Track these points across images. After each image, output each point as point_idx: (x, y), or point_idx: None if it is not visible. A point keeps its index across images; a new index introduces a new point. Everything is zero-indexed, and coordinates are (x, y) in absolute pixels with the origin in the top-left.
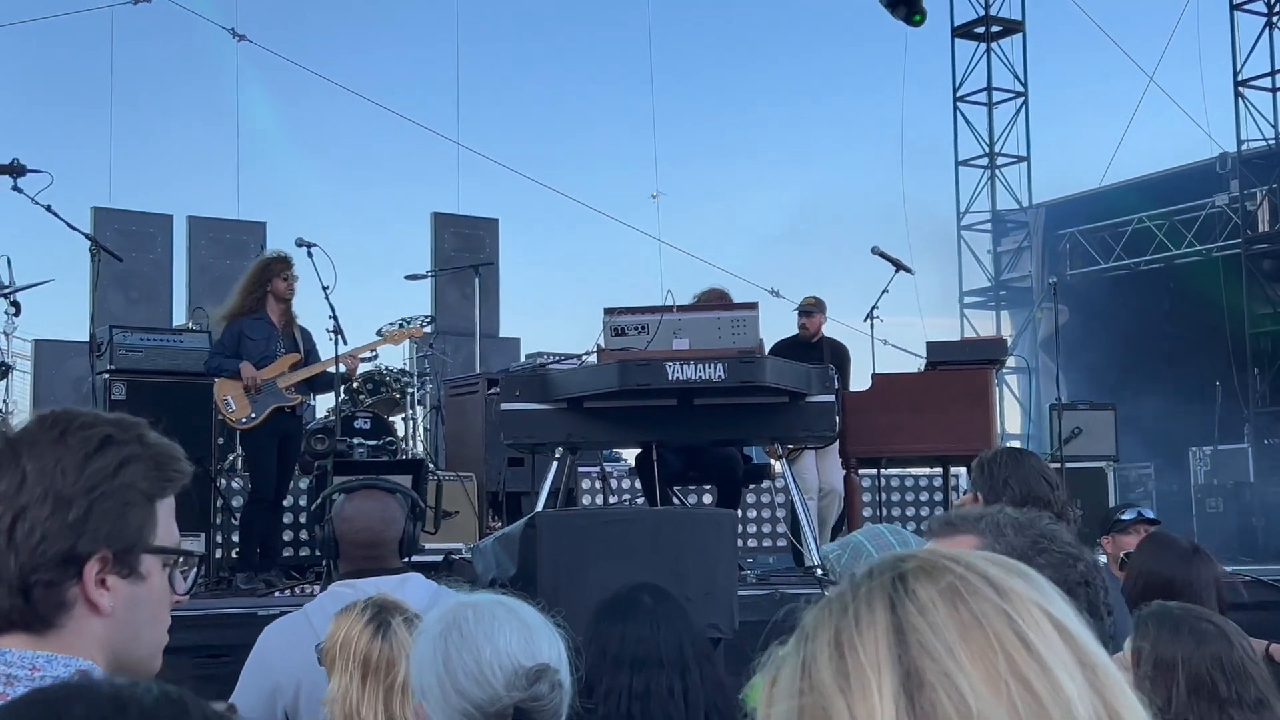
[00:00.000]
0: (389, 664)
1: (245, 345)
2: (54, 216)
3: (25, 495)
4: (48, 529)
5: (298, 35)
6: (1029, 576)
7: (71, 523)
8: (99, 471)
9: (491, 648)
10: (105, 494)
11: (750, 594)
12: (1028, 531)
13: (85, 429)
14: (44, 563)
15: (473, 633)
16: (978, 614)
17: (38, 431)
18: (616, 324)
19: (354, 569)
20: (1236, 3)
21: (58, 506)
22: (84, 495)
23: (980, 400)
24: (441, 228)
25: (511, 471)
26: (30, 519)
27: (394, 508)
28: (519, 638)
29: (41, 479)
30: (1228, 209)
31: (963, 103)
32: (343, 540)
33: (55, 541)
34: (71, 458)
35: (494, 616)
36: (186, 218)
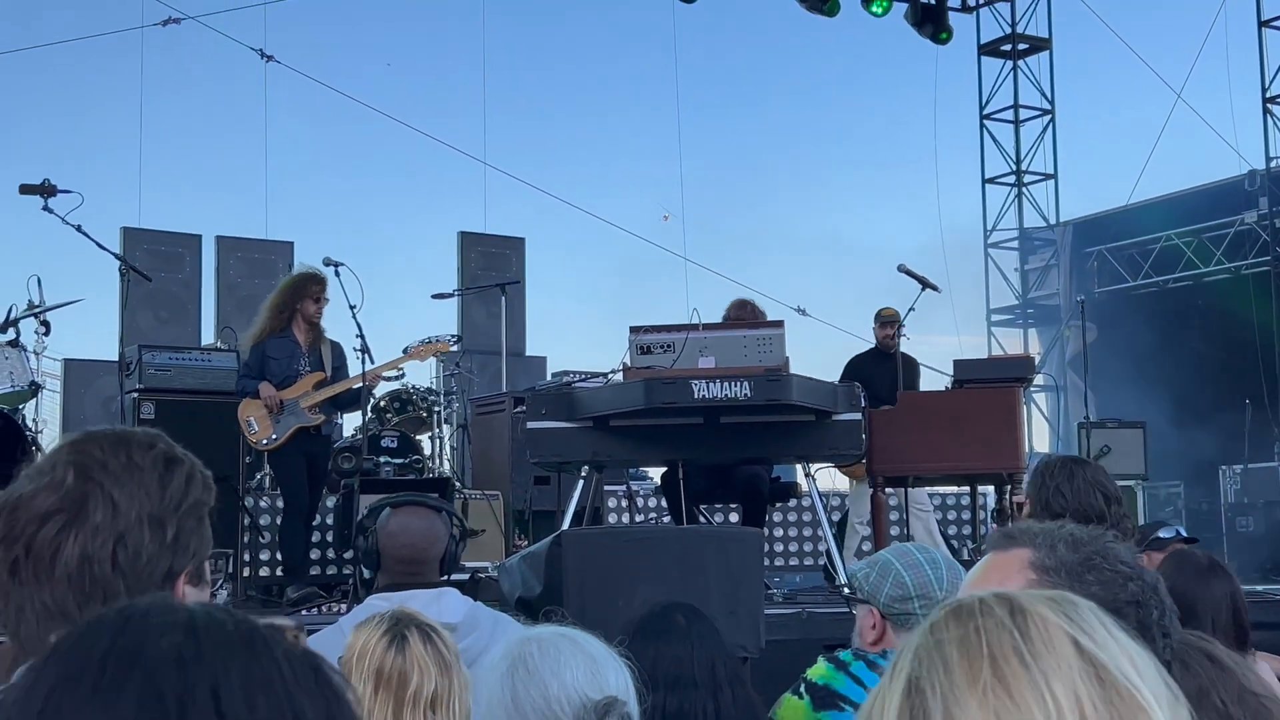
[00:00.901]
0: (401, 676)
1: (268, 365)
2: (84, 236)
3: (122, 521)
4: (150, 551)
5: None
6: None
7: (169, 543)
8: (177, 491)
9: (559, 683)
10: (187, 512)
11: (777, 613)
12: (1082, 548)
13: (145, 449)
14: (151, 585)
15: (539, 668)
16: (981, 628)
17: (103, 456)
18: (642, 342)
19: (393, 582)
20: (1265, 19)
21: (154, 529)
22: (173, 515)
23: (1008, 419)
24: (468, 247)
25: (538, 490)
26: (132, 543)
27: (439, 526)
28: (585, 671)
29: (133, 504)
30: (1256, 226)
31: (989, 120)
32: (385, 554)
33: (158, 562)
34: (151, 480)
35: (559, 651)
36: (215, 237)
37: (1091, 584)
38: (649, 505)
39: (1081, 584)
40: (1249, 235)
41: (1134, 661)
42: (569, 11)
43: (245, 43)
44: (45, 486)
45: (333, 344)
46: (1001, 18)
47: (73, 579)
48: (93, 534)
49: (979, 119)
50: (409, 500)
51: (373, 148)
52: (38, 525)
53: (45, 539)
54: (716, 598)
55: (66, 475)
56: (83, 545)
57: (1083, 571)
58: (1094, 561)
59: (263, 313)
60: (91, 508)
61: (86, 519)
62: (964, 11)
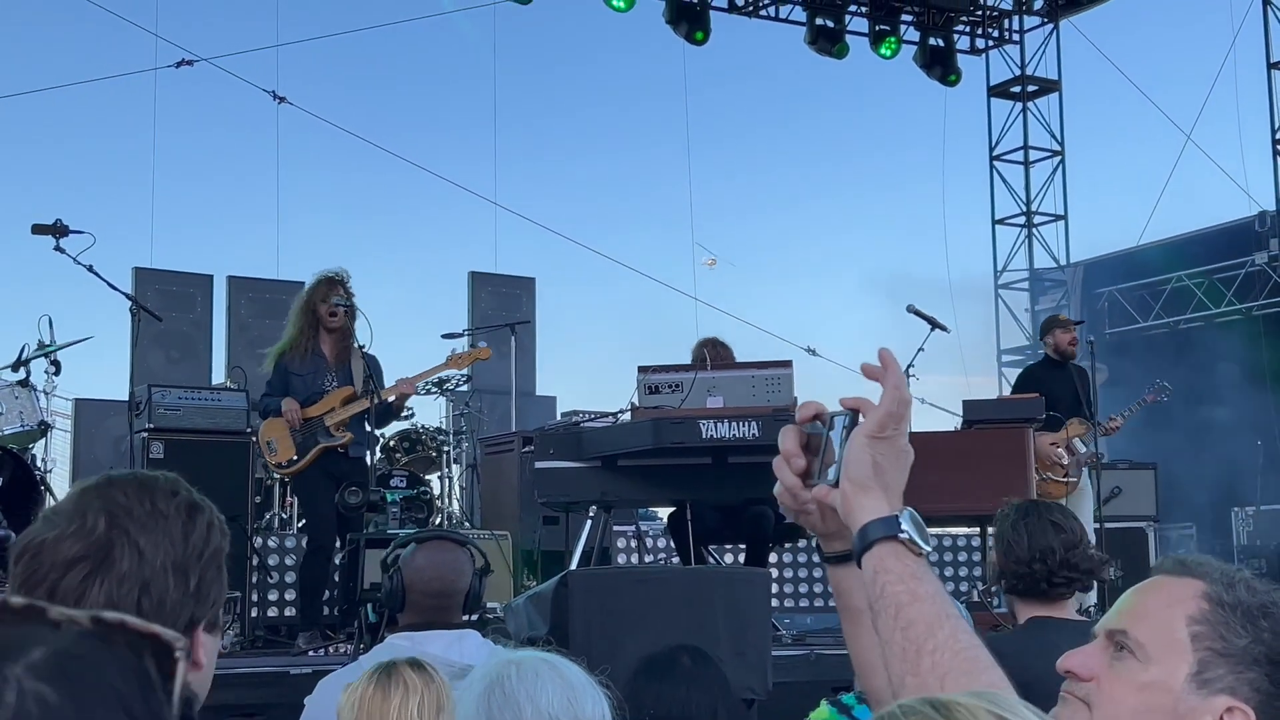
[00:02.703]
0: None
1: (292, 382)
2: (95, 276)
3: (147, 569)
4: (174, 599)
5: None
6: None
7: (191, 591)
8: (200, 540)
9: (533, 707)
10: (208, 561)
11: (785, 654)
12: (1260, 595)
13: (169, 497)
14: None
15: (515, 691)
16: None
17: (128, 503)
18: (651, 382)
19: (419, 620)
20: (1275, 61)
21: (178, 578)
22: (196, 564)
23: (1017, 459)
24: (479, 287)
25: (547, 530)
26: (156, 592)
27: (464, 560)
28: (561, 697)
29: (158, 552)
30: (1267, 267)
31: (999, 161)
32: (412, 590)
33: (181, 611)
34: (176, 529)
35: (537, 674)
36: (226, 278)
37: (1264, 630)
38: (658, 546)
39: (1255, 627)
40: (1260, 276)
41: None
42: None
43: (258, 84)
44: (71, 533)
45: (367, 357)
46: (1011, 60)
47: None
48: (118, 582)
49: (989, 160)
50: (434, 535)
51: (384, 188)
52: (62, 571)
53: (70, 586)
54: (724, 639)
55: (97, 522)
56: (108, 593)
57: (1259, 616)
58: (1270, 610)
59: (288, 326)
60: (118, 555)
61: (112, 566)
62: (973, 54)
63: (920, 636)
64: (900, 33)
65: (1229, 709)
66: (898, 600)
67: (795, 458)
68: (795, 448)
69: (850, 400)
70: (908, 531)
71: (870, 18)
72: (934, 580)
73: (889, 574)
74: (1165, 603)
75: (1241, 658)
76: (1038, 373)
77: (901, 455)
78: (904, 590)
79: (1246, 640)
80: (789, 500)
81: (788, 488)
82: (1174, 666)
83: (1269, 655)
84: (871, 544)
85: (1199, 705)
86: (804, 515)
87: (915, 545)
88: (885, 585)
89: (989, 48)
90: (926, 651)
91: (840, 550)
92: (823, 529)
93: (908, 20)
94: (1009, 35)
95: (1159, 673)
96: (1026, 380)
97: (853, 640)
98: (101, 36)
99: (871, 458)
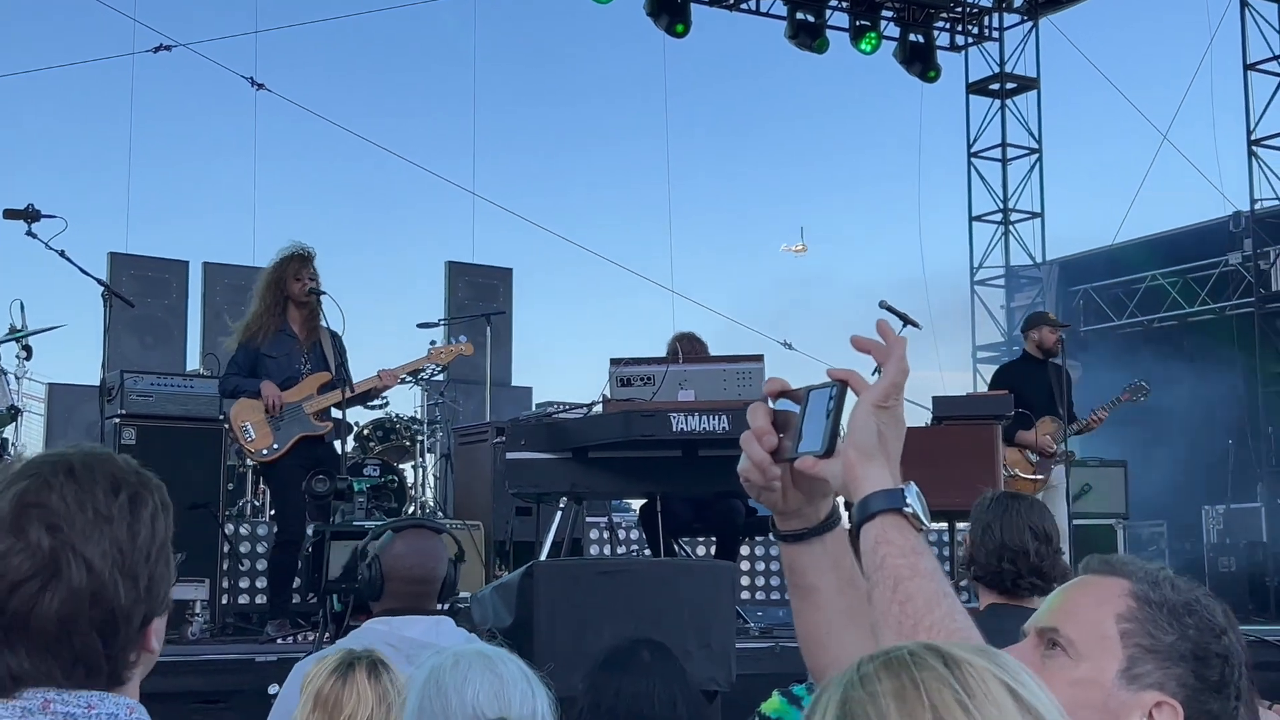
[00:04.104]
0: (338, 701)
1: (265, 364)
2: (68, 262)
3: (95, 580)
4: (126, 605)
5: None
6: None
7: (142, 594)
8: (147, 538)
9: (459, 699)
10: (157, 557)
11: (751, 646)
12: (1184, 593)
13: (110, 495)
14: (129, 640)
15: (445, 684)
16: (919, 680)
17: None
18: (623, 374)
19: (396, 606)
20: (1251, 63)
21: (128, 583)
22: (145, 565)
23: (986, 456)
24: (455, 277)
25: (519, 520)
26: (108, 601)
27: (442, 548)
28: (489, 691)
29: (105, 561)
30: (1241, 268)
31: (977, 158)
32: (391, 577)
33: (134, 614)
34: (121, 532)
35: (469, 667)
36: (202, 264)
37: (1190, 626)
38: (631, 538)
39: (1180, 624)
40: (1233, 276)
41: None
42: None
43: (236, 70)
44: (17, 551)
45: (333, 334)
46: (990, 57)
47: (50, 641)
48: (69, 595)
49: (967, 157)
50: (412, 523)
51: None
52: (10, 590)
53: (21, 601)
54: (689, 630)
55: (40, 538)
56: (60, 605)
57: (1184, 613)
58: (1194, 607)
59: (253, 302)
60: (64, 567)
61: (61, 577)
62: (952, 50)
63: (918, 611)
64: (880, 28)
65: (1157, 704)
66: (898, 573)
67: (766, 435)
68: (766, 424)
69: (839, 371)
70: (912, 505)
71: (850, 13)
72: (933, 557)
73: (890, 546)
74: (1094, 601)
75: (1168, 654)
76: (1015, 370)
77: (900, 426)
78: (905, 564)
79: (1173, 637)
80: (756, 476)
81: (756, 463)
82: (1104, 663)
83: (1194, 651)
84: (874, 515)
85: (1129, 700)
86: (766, 493)
87: (918, 520)
88: (886, 557)
89: (968, 45)
90: (924, 627)
91: (797, 528)
92: (782, 507)
93: (888, 16)
94: (988, 32)
95: (1089, 669)
96: (1003, 377)
97: (801, 616)
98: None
99: (877, 427)
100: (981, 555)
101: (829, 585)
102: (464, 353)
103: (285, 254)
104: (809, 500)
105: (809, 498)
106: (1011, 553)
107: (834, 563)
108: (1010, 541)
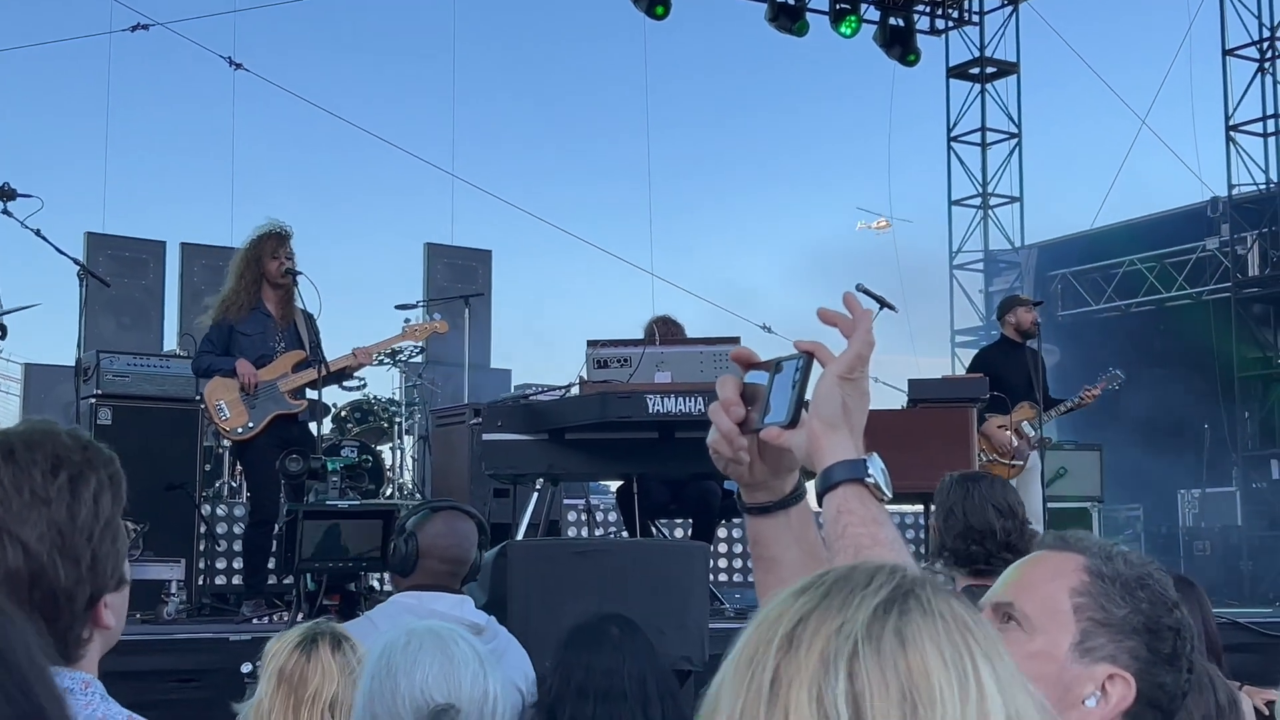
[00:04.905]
0: (302, 676)
1: (239, 342)
2: (43, 241)
3: (34, 561)
4: (67, 586)
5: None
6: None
7: (84, 573)
8: (87, 517)
9: (407, 682)
10: (101, 535)
11: (724, 626)
12: (1137, 568)
13: (49, 475)
14: (75, 619)
15: (396, 664)
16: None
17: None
18: (600, 356)
19: (427, 583)
20: (1229, 48)
21: (69, 563)
22: (87, 544)
23: (961, 438)
24: (434, 258)
25: (497, 502)
26: (47, 582)
27: (474, 532)
28: (438, 672)
29: (43, 544)
30: (1218, 253)
31: (957, 143)
32: (427, 555)
33: (78, 594)
34: (60, 512)
35: (421, 648)
36: (179, 244)
37: (1142, 600)
38: (608, 520)
39: (1133, 598)
40: (1210, 261)
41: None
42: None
43: (214, 50)
44: None
45: (308, 315)
46: (970, 41)
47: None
48: (7, 578)
49: (947, 141)
50: (448, 505)
51: (340, 157)
52: None
53: None
54: (663, 611)
55: None
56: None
57: (1136, 587)
58: (1147, 581)
59: (228, 280)
60: (2, 550)
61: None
62: (932, 35)
63: None
64: (861, 11)
65: (1110, 676)
66: (858, 541)
67: (735, 406)
68: (735, 396)
69: (806, 343)
70: (874, 476)
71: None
72: (894, 528)
73: (852, 515)
74: (1048, 575)
75: (1121, 627)
76: (993, 354)
77: (864, 398)
78: (865, 533)
79: (1125, 610)
80: (724, 448)
81: (724, 434)
82: (1058, 637)
83: (1146, 624)
84: (836, 484)
85: (1082, 673)
86: (734, 465)
87: (879, 491)
88: (847, 526)
89: (949, 29)
90: None
91: (763, 501)
92: (749, 479)
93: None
94: (969, 16)
95: (1044, 643)
96: (982, 361)
97: (764, 587)
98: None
99: (841, 398)
100: (949, 539)
101: (791, 558)
102: (439, 330)
103: (262, 232)
104: (775, 474)
105: (775, 471)
106: (978, 534)
107: (797, 536)
108: (976, 523)
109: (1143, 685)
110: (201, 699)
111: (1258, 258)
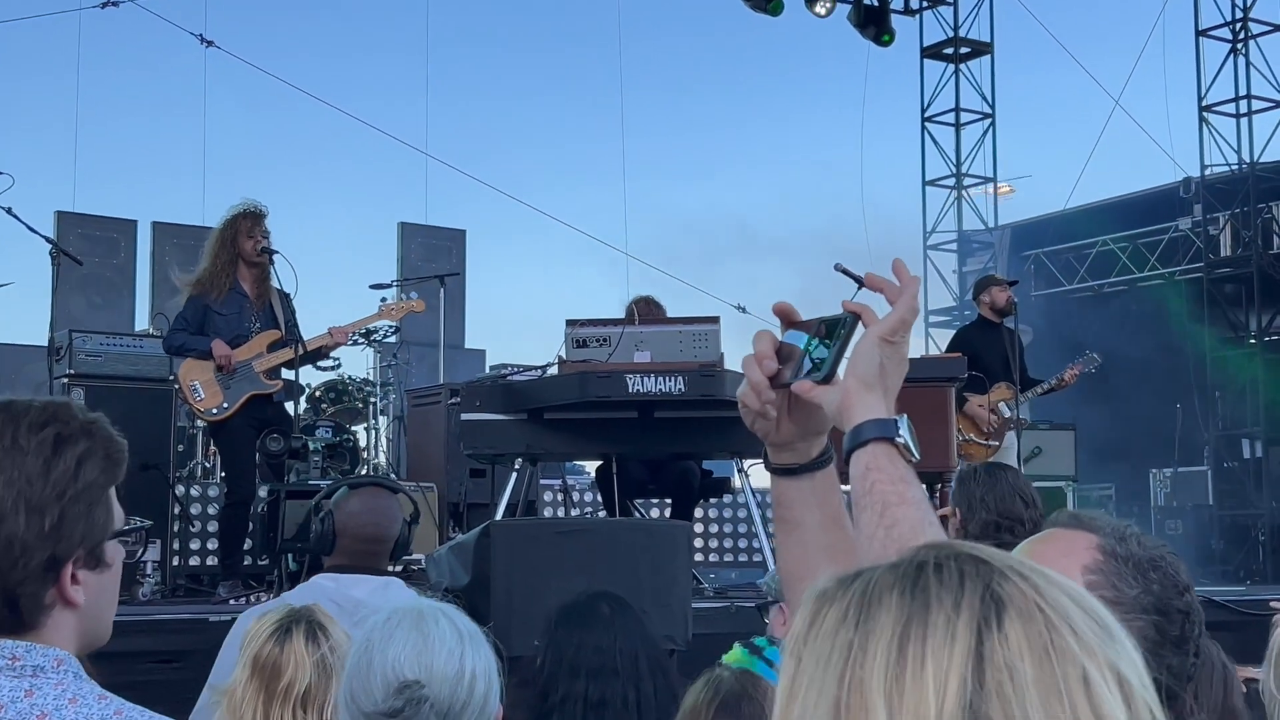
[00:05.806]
0: (275, 667)
1: (214, 321)
2: (14, 219)
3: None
4: (26, 540)
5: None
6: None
7: (48, 531)
8: (63, 475)
9: (381, 658)
10: (73, 497)
11: (706, 606)
12: (1150, 549)
13: (35, 430)
14: (28, 575)
15: (374, 642)
16: (1060, 677)
17: None
18: (579, 335)
19: (346, 563)
20: (1202, 29)
21: (31, 517)
22: (55, 502)
23: (939, 418)
24: (409, 238)
25: (473, 483)
26: (6, 532)
27: (396, 507)
28: (411, 650)
29: (9, 490)
30: (1190, 233)
31: (931, 123)
32: (344, 534)
33: (35, 552)
34: (33, 464)
35: (397, 626)
36: (151, 223)
37: (1154, 581)
38: (585, 500)
39: (1145, 578)
40: (1183, 242)
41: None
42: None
43: (185, 27)
44: None
45: (283, 295)
46: (944, 21)
47: None
48: None
49: (920, 121)
50: (368, 481)
51: (313, 136)
52: None
53: None
54: (646, 590)
55: None
56: None
57: (1149, 568)
58: (1159, 563)
59: (203, 259)
60: None
61: None
62: (907, 14)
63: (903, 537)
64: None
65: None
66: (885, 499)
67: (768, 360)
68: (770, 350)
69: (854, 305)
70: (904, 437)
71: None
72: (921, 488)
73: (880, 473)
74: (1061, 553)
75: (1131, 607)
76: (971, 333)
77: (902, 364)
78: (893, 491)
79: (1137, 590)
80: (752, 400)
81: (754, 385)
82: None
83: (1156, 605)
84: (866, 442)
85: None
86: (761, 419)
87: (909, 452)
88: (875, 483)
89: (923, 8)
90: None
91: (789, 462)
92: (775, 438)
93: None
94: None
95: None
96: (960, 341)
97: (784, 550)
98: None
99: (880, 360)
100: (975, 528)
101: (813, 521)
102: (415, 309)
103: (237, 210)
104: (802, 435)
105: (802, 432)
106: (1009, 522)
107: (820, 500)
108: (1006, 511)
109: (1150, 667)
110: (181, 680)
111: (1230, 238)
